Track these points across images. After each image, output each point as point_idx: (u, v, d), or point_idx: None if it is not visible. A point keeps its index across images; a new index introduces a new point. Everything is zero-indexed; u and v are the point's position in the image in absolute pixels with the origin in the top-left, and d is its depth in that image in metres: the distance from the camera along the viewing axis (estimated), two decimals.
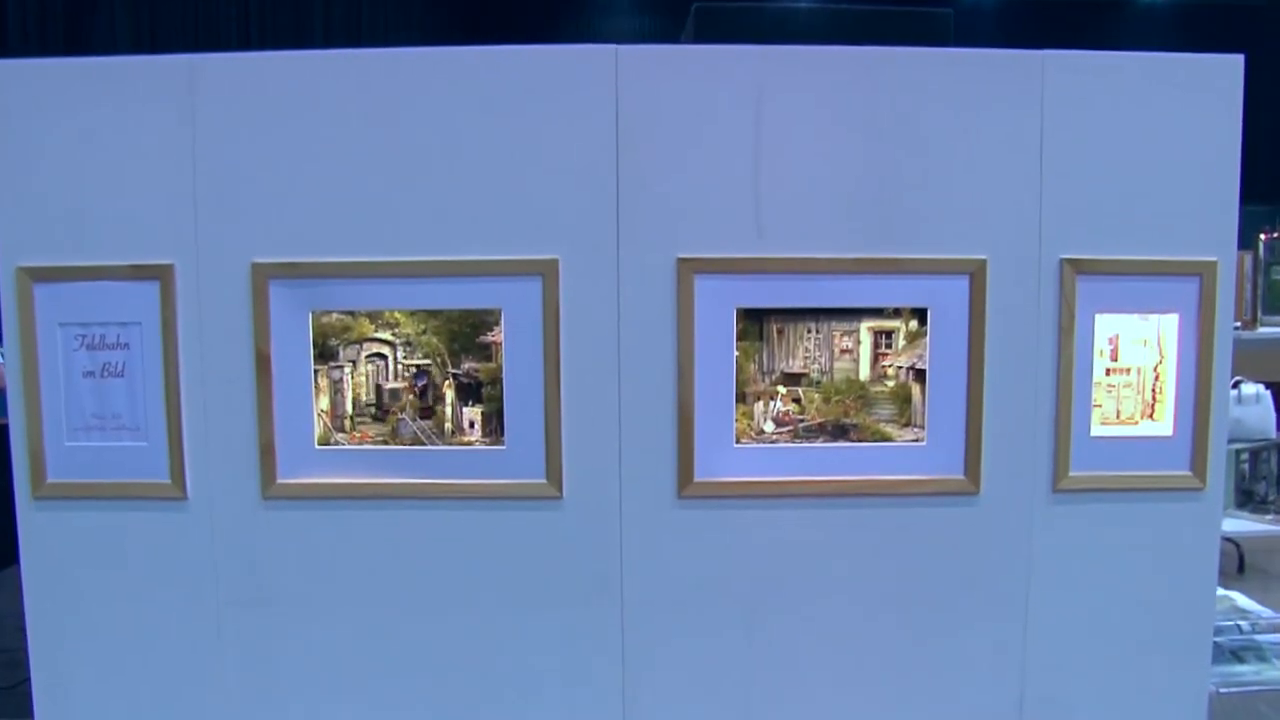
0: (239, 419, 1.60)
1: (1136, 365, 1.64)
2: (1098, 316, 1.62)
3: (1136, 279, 1.60)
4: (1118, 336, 1.62)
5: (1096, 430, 1.63)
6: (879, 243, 1.59)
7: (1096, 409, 1.63)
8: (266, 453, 1.61)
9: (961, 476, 1.64)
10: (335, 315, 1.60)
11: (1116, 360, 1.63)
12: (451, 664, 1.63)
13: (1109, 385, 1.63)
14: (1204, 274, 1.59)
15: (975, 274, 1.59)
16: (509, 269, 1.59)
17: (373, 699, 1.62)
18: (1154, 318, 1.62)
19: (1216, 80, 1.56)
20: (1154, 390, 1.64)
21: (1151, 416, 1.64)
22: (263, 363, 1.59)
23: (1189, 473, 1.64)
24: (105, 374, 1.60)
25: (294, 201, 1.56)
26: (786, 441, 1.63)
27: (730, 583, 1.63)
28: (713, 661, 1.63)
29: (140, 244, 1.57)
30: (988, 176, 1.56)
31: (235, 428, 1.60)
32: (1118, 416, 1.64)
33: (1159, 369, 1.62)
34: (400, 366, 1.62)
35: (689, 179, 1.55)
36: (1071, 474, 1.64)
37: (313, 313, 1.60)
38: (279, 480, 1.63)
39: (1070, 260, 1.60)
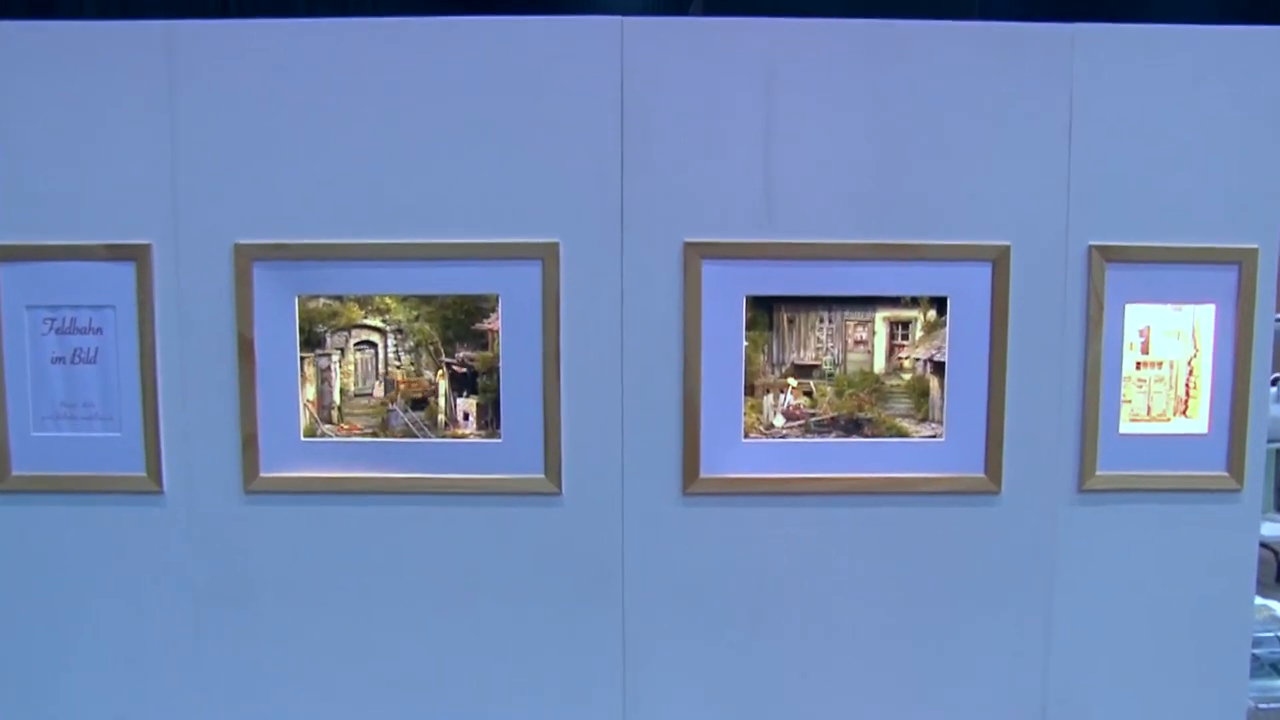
0: (220, 409, 1.57)
1: (1169, 359, 1.59)
2: (1128, 307, 1.58)
3: (1170, 267, 1.56)
4: (1149, 328, 1.58)
5: (1125, 427, 1.59)
6: (896, 227, 1.55)
7: (1126, 405, 1.59)
8: (249, 445, 1.57)
9: (981, 475, 1.60)
10: (323, 300, 1.56)
11: (1148, 353, 1.59)
12: (443, 669, 1.60)
13: (1139, 380, 1.58)
14: (1243, 262, 1.55)
15: (998, 261, 1.55)
16: (506, 252, 1.56)
17: (358, 704, 1.60)
18: (1188, 308, 1.58)
19: (1259, 55, 1.51)
20: (1188, 385, 1.59)
21: (1185, 413, 1.59)
22: (245, 349, 1.56)
23: (1225, 473, 1.60)
24: (76, 360, 1.56)
25: (280, 179, 1.52)
26: (797, 437, 1.60)
27: (737, 584, 1.60)
28: (718, 667, 1.60)
29: (115, 222, 1.54)
30: (1012, 157, 1.52)
31: (215, 418, 1.57)
32: (1148, 413, 1.60)
33: (1193, 363, 1.58)
34: (391, 355, 1.55)
35: (696, 159, 1.51)
36: (1098, 473, 1.60)
37: (299, 297, 1.56)
38: (262, 474, 1.60)
39: (1099, 247, 1.55)
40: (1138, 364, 1.59)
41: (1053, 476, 1.60)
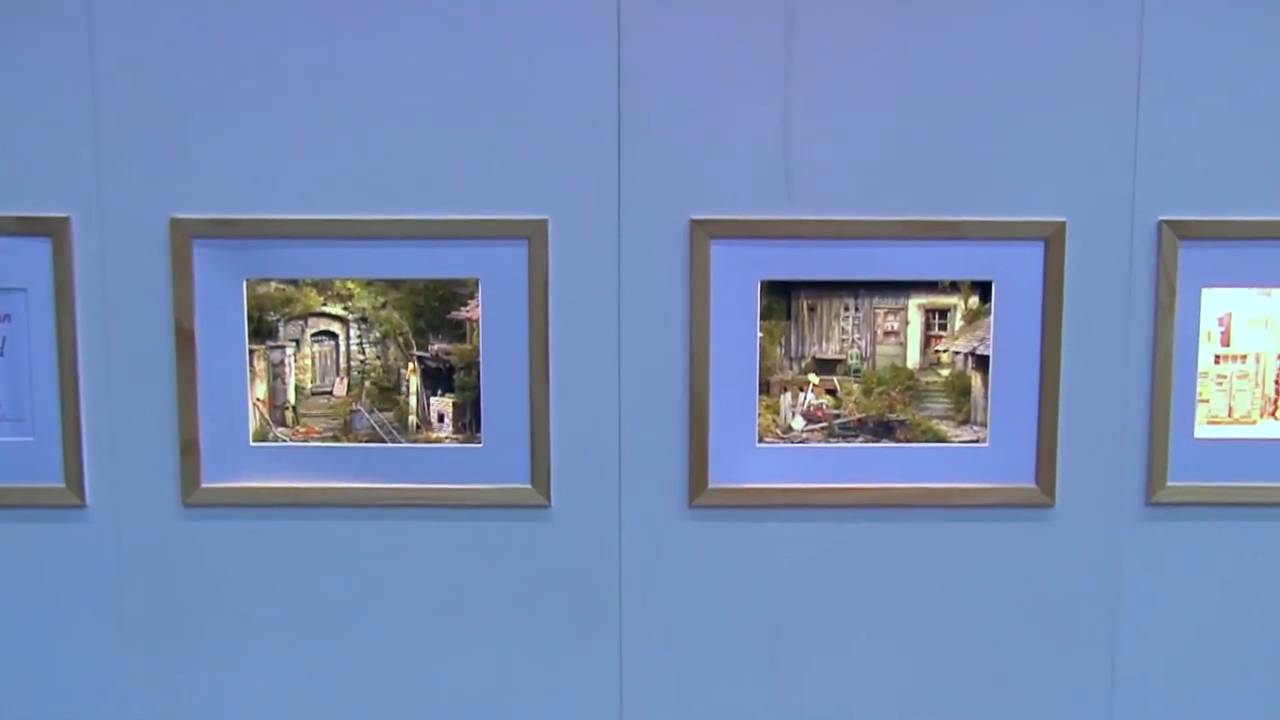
0: (153, 410, 1.47)
1: (1254, 351, 1.45)
2: (1205, 292, 1.43)
3: (1254, 245, 1.42)
4: (1230, 316, 1.44)
5: (1202, 431, 1.45)
6: (933, 202, 1.43)
7: (1202, 405, 1.45)
8: (188, 451, 1.46)
9: (1032, 485, 1.47)
10: (275, 284, 1.45)
11: (1228, 345, 1.45)
12: (414, 711, 1.51)
13: (1219, 376, 1.45)
14: None
15: (1051, 239, 1.42)
16: (487, 231, 1.44)
17: None
18: (1277, 293, 1.42)
19: None
20: (1277, 382, 1.44)
21: (1275, 415, 1.44)
22: (184, 341, 1.44)
23: None
24: None
25: (225, 143, 1.41)
26: (819, 441, 1.48)
27: (751, 611, 1.51)
28: (729, 705, 1.52)
29: (26, 192, 1.42)
30: (1068, 119, 1.39)
31: (148, 420, 1.47)
32: (1230, 415, 1.46)
33: None
34: (354, 347, 1.42)
35: (704, 124, 1.41)
36: (1170, 484, 1.46)
37: (247, 281, 1.45)
38: (203, 484, 1.48)
39: (1171, 222, 1.41)
40: (1217, 357, 1.45)
41: (1116, 488, 1.48)
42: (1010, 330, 1.45)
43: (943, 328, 1.47)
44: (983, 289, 1.45)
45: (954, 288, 1.46)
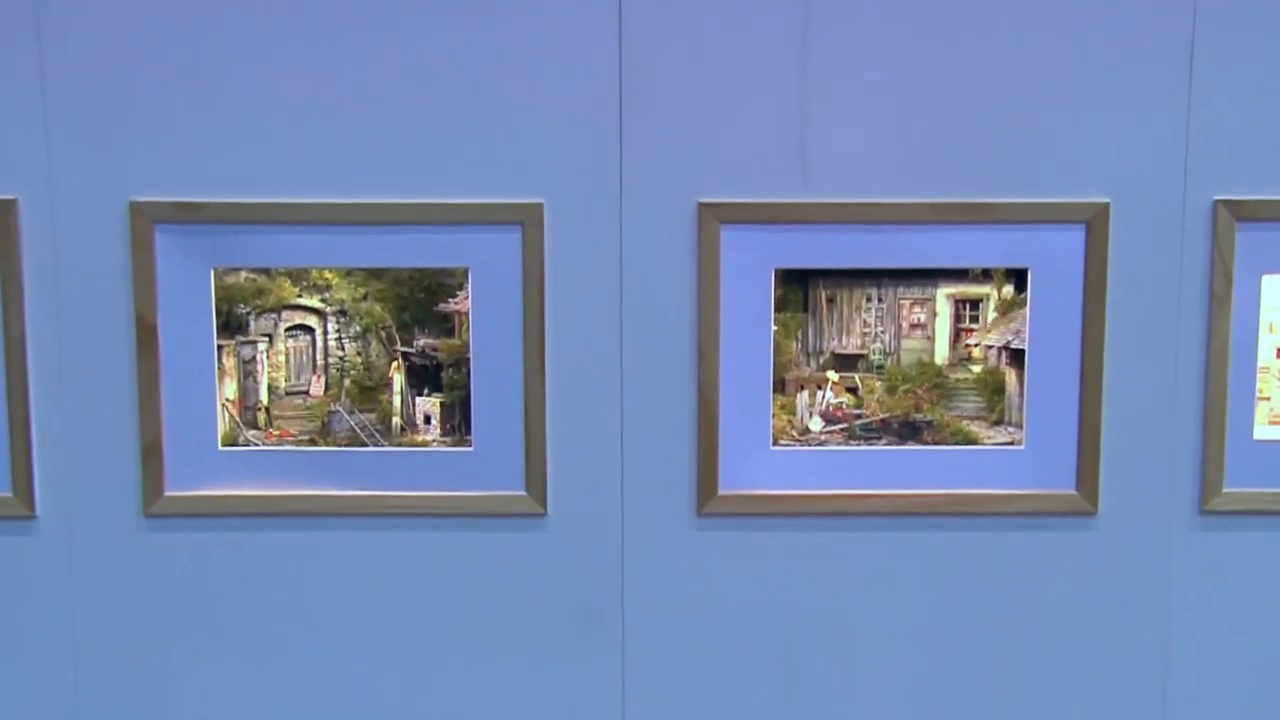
0: (112, 411, 1.41)
1: None
2: (1265, 279, 1.36)
3: None
4: None
5: (1262, 432, 1.39)
6: (963, 182, 1.37)
7: (1262, 403, 1.38)
8: (150, 456, 1.41)
9: (1073, 491, 1.42)
10: (245, 274, 1.40)
11: None
12: None
13: None
14: None
15: (1093, 222, 1.37)
16: (478, 216, 1.38)
17: None
18: None
19: None
20: None
21: None
22: (146, 336, 1.39)
23: None
24: None
25: (190, 119, 1.36)
26: (839, 443, 1.43)
27: (764, 628, 1.46)
28: None
29: None
30: (1113, 90, 1.35)
31: (106, 423, 1.41)
32: None
33: None
34: (333, 342, 1.37)
35: (714, 98, 1.36)
36: (1226, 490, 1.40)
37: (215, 270, 1.39)
38: (167, 492, 1.42)
39: (1227, 202, 1.35)
40: (1279, 350, 1.35)
41: (1165, 494, 1.42)
42: (1048, 322, 1.40)
43: (974, 320, 1.42)
44: (1018, 277, 1.40)
45: (986, 276, 1.40)
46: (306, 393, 1.44)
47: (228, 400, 1.43)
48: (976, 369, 1.43)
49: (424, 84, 1.33)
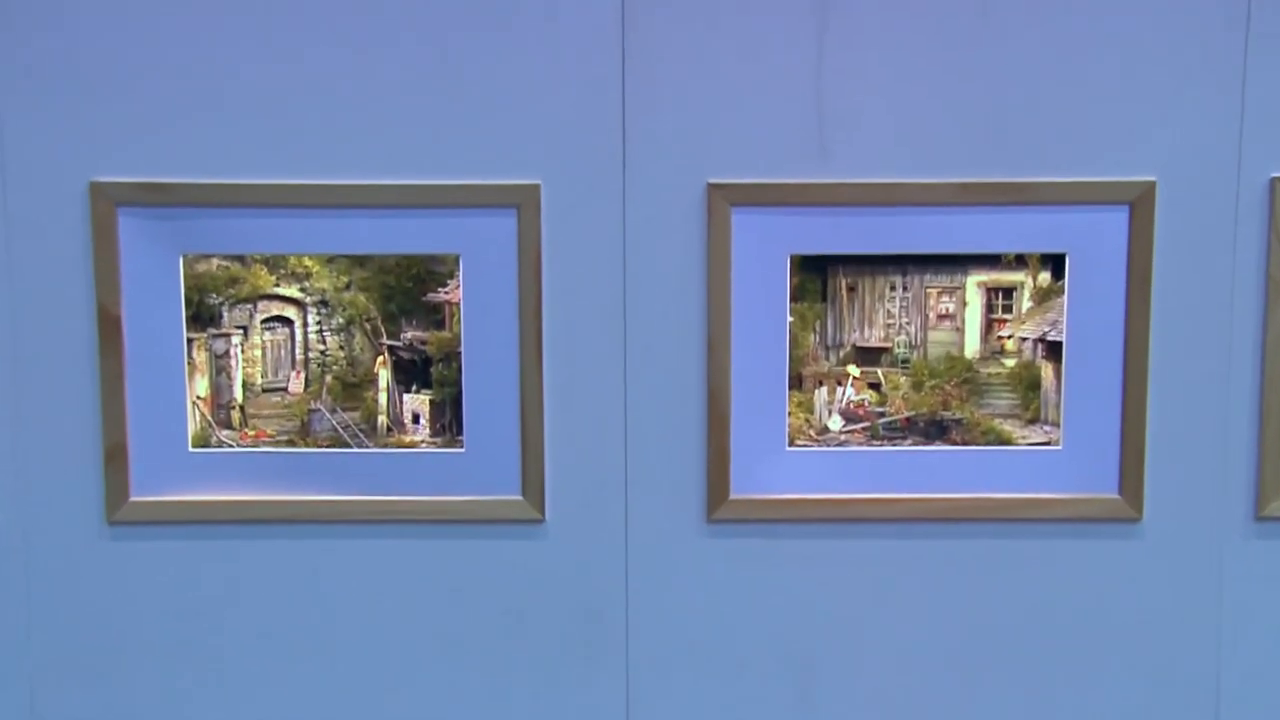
0: (72, 410, 1.38)
1: None
2: None
3: None
4: None
5: None
6: (995, 161, 1.34)
7: None
8: (114, 458, 1.38)
9: (1115, 495, 1.39)
10: (218, 262, 1.37)
11: None
12: None
13: None
14: None
15: (1138, 203, 1.33)
16: (470, 198, 1.36)
17: None
18: None
19: None
20: None
21: None
22: (109, 329, 1.36)
23: None
24: None
25: (157, 91, 1.33)
26: (860, 444, 1.41)
27: (779, 642, 1.44)
28: None
29: None
30: (1160, 60, 1.31)
31: (66, 423, 1.38)
32: None
33: None
34: (313, 335, 1.36)
35: (725, 71, 1.34)
36: None
37: (184, 257, 1.36)
38: (133, 498, 1.39)
39: None
40: None
41: (1217, 499, 1.39)
42: (1088, 311, 1.36)
43: (1007, 310, 1.38)
44: (1055, 263, 1.37)
45: (1020, 262, 1.37)
46: (285, 390, 1.42)
47: (199, 398, 1.41)
48: (1010, 363, 1.40)
49: (411, 55, 1.33)
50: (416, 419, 1.42)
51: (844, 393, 1.41)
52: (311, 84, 1.31)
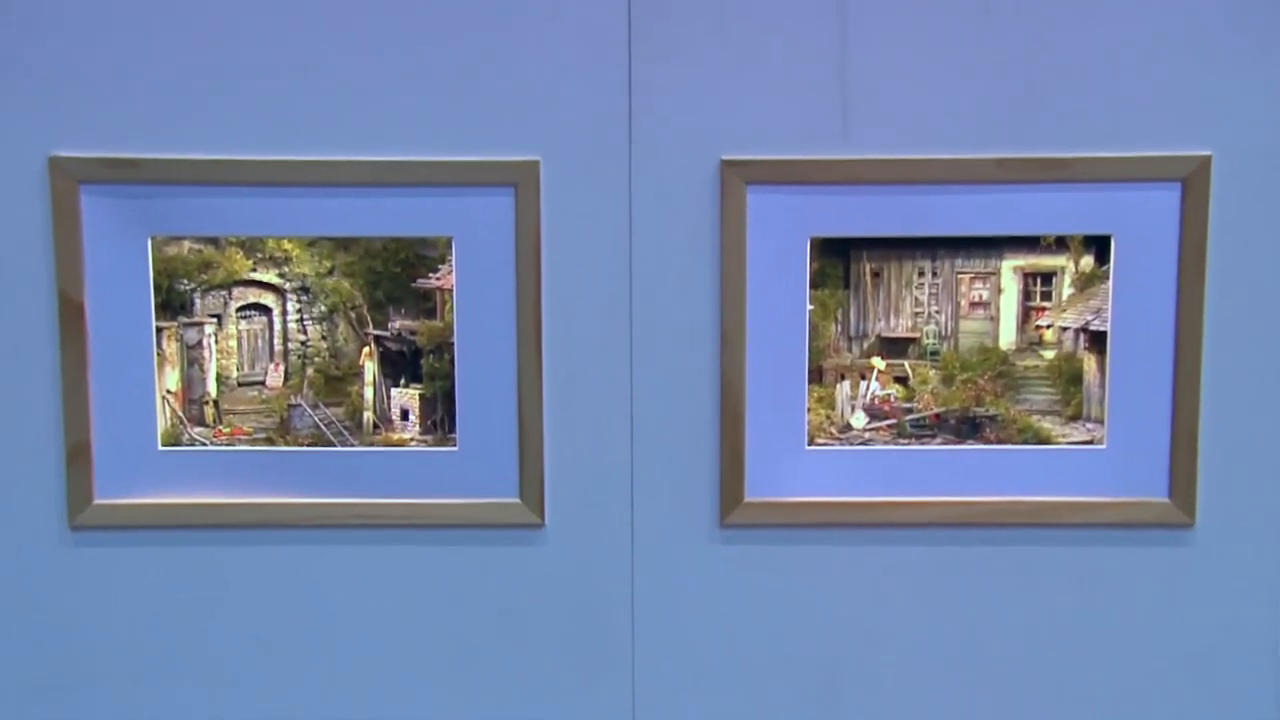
0: (30, 406, 1.34)
1: None
2: None
3: None
4: None
5: None
6: (1034, 134, 1.29)
7: None
8: (77, 458, 1.34)
9: (1165, 499, 1.34)
10: (189, 244, 1.33)
11: None
12: None
13: None
14: None
15: (1191, 180, 1.28)
16: (463, 176, 1.32)
17: None
18: None
19: None
20: None
21: None
22: (71, 317, 1.32)
23: None
24: None
25: (121, 60, 1.28)
26: (885, 442, 1.37)
27: (799, 655, 1.39)
28: None
29: None
30: (1215, 24, 1.26)
31: (24, 420, 1.34)
32: None
33: None
34: (293, 324, 1.33)
35: (739, 39, 1.29)
36: None
37: (153, 239, 1.32)
38: (97, 500, 1.35)
39: None
40: None
41: (1276, 502, 1.34)
42: (1135, 299, 1.32)
43: (1046, 297, 1.35)
44: (1099, 246, 1.32)
45: (1061, 245, 1.33)
46: (262, 383, 1.39)
47: (169, 392, 1.37)
48: (1049, 355, 1.36)
49: (397, 21, 1.29)
50: (405, 415, 1.38)
51: (868, 387, 1.38)
52: (292, 52, 1.28)
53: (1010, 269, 1.34)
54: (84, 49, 1.30)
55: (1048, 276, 1.34)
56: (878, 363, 1.37)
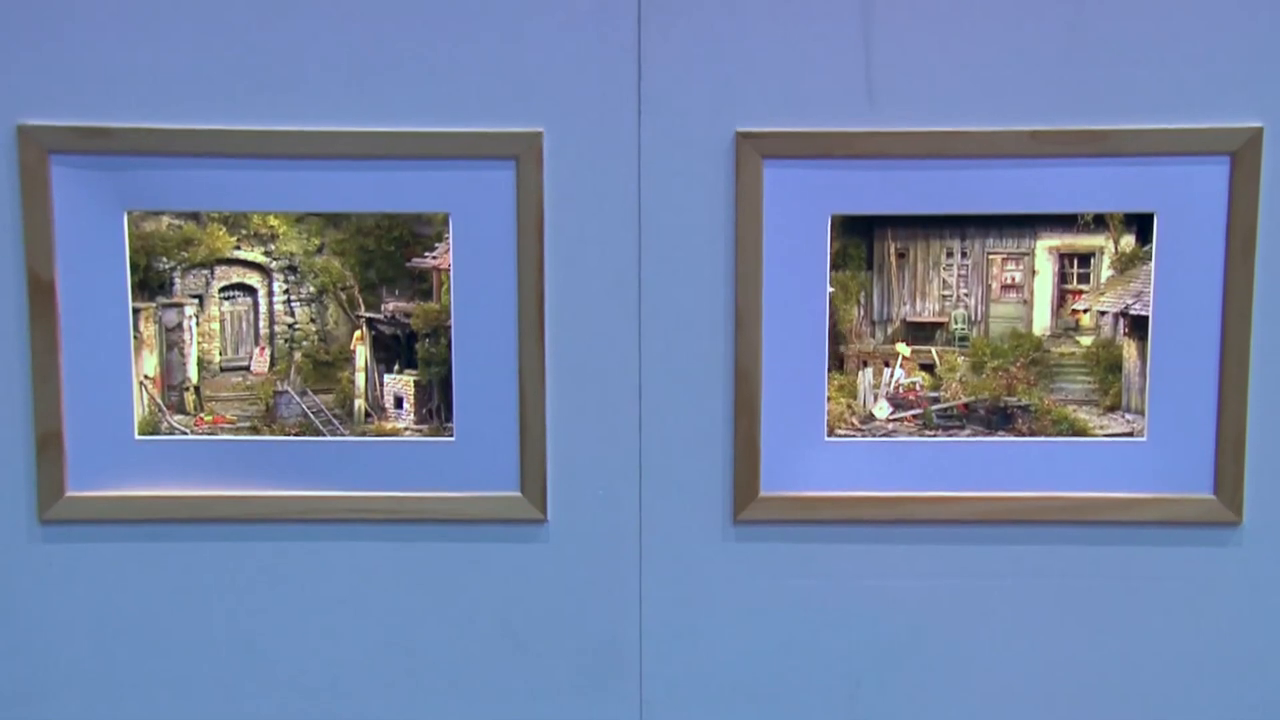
0: None
1: None
2: None
3: None
4: None
5: None
6: (1072, 105, 1.24)
7: None
8: (47, 447, 1.29)
9: (1209, 495, 1.29)
10: (168, 220, 1.28)
11: None
12: None
13: None
14: None
15: (1240, 155, 1.23)
16: (462, 148, 1.27)
17: None
18: None
19: None
20: None
21: None
22: (41, 297, 1.27)
23: None
24: None
25: (95, 24, 1.23)
26: (910, 434, 1.33)
27: (818, 660, 1.35)
28: None
29: None
30: None
31: None
32: None
33: None
34: (280, 306, 1.28)
35: (756, 2, 1.24)
36: None
37: (129, 215, 1.27)
38: (69, 492, 1.30)
39: None
40: None
41: None
42: (1179, 281, 1.27)
43: (1083, 279, 1.30)
44: (1141, 225, 1.28)
45: (1100, 223, 1.28)
46: (247, 369, 1.35)
47: (146, 378, 1.33)
48: (1086, 341, 1.32)
49: None
50: (399, 403, 1.35)
51: (892, 375, 1.34)
52: (277, 13, 1.25)
53: (1045, 249, 1.30)
54: (56, 11, 1.25)
55: (1085, 257, 1.30)
56: (903, 349, 1.33)
